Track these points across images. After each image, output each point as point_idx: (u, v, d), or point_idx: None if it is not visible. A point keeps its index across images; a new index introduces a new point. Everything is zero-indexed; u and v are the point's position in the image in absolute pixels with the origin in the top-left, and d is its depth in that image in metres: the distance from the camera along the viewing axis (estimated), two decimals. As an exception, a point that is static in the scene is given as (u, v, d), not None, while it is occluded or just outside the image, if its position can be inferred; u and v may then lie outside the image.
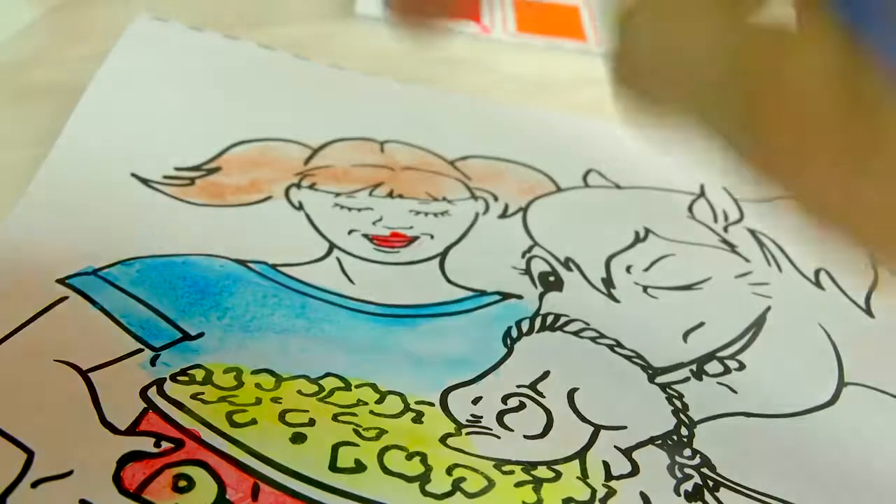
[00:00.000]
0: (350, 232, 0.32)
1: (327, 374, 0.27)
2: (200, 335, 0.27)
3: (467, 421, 0.26)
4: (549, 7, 0.51)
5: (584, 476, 0.25)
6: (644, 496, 0.24)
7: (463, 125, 0.40)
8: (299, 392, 0.26)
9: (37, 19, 0.43)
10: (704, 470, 0.25)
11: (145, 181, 0.33)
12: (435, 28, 0.27)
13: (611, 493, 0.24)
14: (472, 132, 0.39)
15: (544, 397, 0.27)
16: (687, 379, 0.28)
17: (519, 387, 0.27)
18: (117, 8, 0.42)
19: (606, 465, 0.25)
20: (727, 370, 0.29)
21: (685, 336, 0.30)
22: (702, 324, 0.30)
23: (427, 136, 0.38)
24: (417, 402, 0.26)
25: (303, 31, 0.45)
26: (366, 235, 0.32)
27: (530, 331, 0.29)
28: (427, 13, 0.27)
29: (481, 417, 0.26)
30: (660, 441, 0.26)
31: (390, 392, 0.26)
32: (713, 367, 0.29)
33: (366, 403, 0.26)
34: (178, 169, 0.34)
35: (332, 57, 0.43)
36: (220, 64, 0.40)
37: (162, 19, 0.41)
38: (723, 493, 0.25)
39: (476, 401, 0.27)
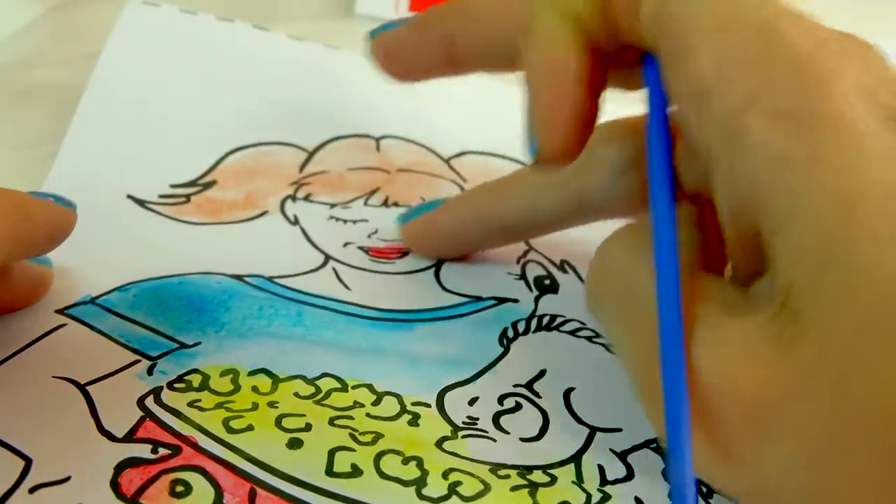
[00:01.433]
0: (346, 245, 0.32)
1: (324, 375, 0.26)
2: (197, 344, 0.27)
3: (463, 423, 0.25)
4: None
5: (579, 480, 0.24)
6: (639, 501, 0.24)
7: (461, 113, 0.39)
8: (296, 395, 0.25)
9: (37, 19, 0.43)
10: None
11: (141, 202, 0.32)
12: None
13: (606, 497, 0.24)
14: (471, 121, 0.38)
15: (540, 398, 0.27)
16: None
17: (515, 386, 0.27)
18: (117, 7, 0.42)
19: (601, 469, 0.25)
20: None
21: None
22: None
23: (424, 128, 0.37)
24: (414, 404, 0.26)
25: (301, 30, 0.44)
26: (361, 248, 0.32)
27: (527, 330, 0.29)
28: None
29: (477, 419, 0.26)
30: (654, 444, 0.26)
31: (387, 393, 0.26)
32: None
33: (362, 405, 0.25)
34: (173, 186, 0.33)
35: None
36: (215, 52, 0.39)
37: (154, 4, 0.40)
38: (716, 500, 0.25)
39: (472, 402, 0.26)
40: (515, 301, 0.30)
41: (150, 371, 0.25)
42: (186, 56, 0.39)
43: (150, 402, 0.24)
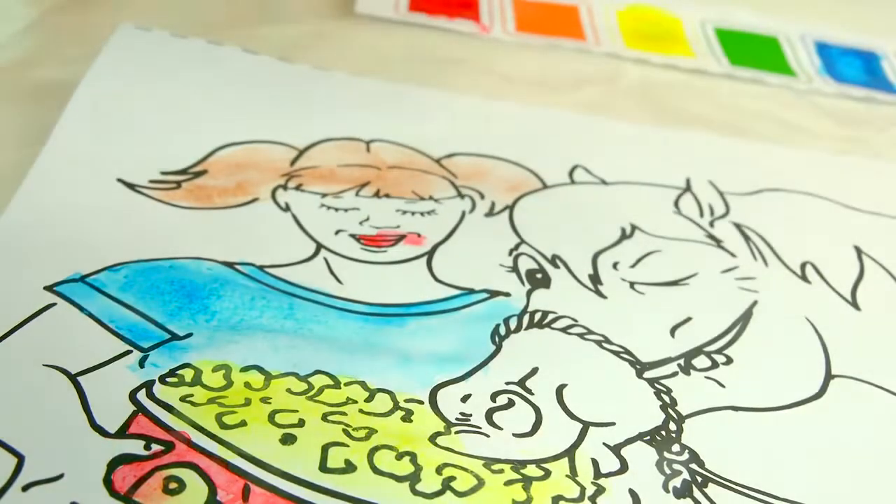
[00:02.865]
0: (337, 232, 0.31)
1: (317, 372, 0.26)
2: (188, 335, 0.26)
3: (456, 419, 0.25)
4: (549, 7, 0.50)
5: (573, 474, 0.24)
6: (633, 493, 0.23)
7: (449, 122, 0.39)
8: (289, 391, 0.25)
9: (36, 19, 0.42)
10: (693, 465, 0.25)
11: (131, 186, 0.32)
12: None
13: (600, 490, 0.23)
14: (458, 129, 0.38)
15: (533, 394, 0.26)
16: (675, 374, 0.27)
17: (508, 384, 0.26)
18: (116, 9, 0.41)
19: (595, 462, 0.24)
20: (714, 365, 0.28)
21: (672, 331, 0.29)
22: (689, 319, 0.29)
23: (413, 134, 0.37)
24: (407, 400, 0.25)
25: (301, 30, 0.44)
26: (353, 235, 0.31)
27: (518, 328, 0.28)
28: None
29: (470, 415, 0.25)
30: (648, 437, 0.25)
31: (379, 390, 0.25)
32: (700, 361, 0.28)
33: (355, 402, 0.25)
34: (164, 173, 0.33)
35: (330, 56, 0.42)
36: (205, 69, 0.39)
37: (145, 28, 0.40)
38: (711, 489, 0.24)
39: (465, 398, 0.26)
40: (507, 295, 0.30)
41: (141, 363, 0.25)
42: (176, 77, 0.38)
43: (142, 395, 0.24)
